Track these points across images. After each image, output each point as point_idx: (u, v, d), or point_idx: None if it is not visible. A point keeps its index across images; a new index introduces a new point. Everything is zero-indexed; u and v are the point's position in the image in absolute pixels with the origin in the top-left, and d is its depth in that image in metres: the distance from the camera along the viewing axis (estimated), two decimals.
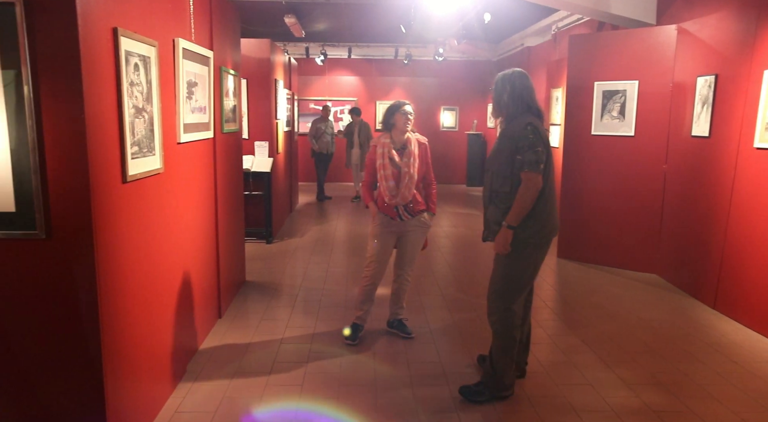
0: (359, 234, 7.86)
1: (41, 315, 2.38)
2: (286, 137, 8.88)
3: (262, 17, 9.76)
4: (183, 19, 3.52)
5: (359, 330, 4.11)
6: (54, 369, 2.42)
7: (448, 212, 9.90)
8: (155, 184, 3.03)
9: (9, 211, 2.27)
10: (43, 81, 2.20)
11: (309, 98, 13.44)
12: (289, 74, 9.47)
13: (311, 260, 6.44)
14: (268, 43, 7.32)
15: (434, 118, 13.76)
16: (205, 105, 3.98)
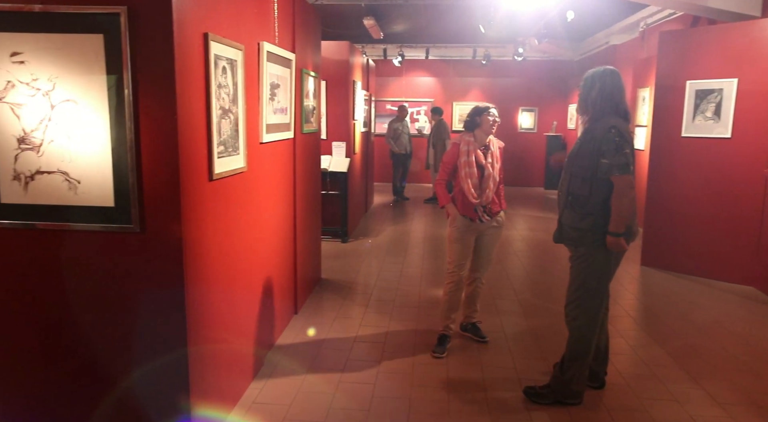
0: (434, 236, 7.84)
1: (132, 303, 2.53)
2: (362, 138, 8.99)
3: (342, 19, 9.94)
4: (267, 23, 3.64)
5: (446, 341, 4.01)
6: (141, 356, 2.58)
7: (524, 215, 9.68)
8: (239, 182, 3.16)
9: (109, 206, 2.44)
10: (141, 84, 2.35)
11: (386, 99, 13.55)
12: (367, 76, 9.59)
13: (386, 260, 6.48)
14: (347, 45, 7.44)
15: (512, 119, 13.49)
16: (287, 106, 4.11)
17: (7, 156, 2.44)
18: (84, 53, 2.33)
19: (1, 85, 2.38)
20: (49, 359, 2.62)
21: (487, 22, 8.46)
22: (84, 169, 2.42)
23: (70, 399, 2.64)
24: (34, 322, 2.59)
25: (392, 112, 12.87)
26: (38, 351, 2.61)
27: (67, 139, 2.41)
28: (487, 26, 8.60)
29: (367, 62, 9.68)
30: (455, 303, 4.05)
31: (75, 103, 2.38)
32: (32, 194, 2.47)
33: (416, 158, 12.20)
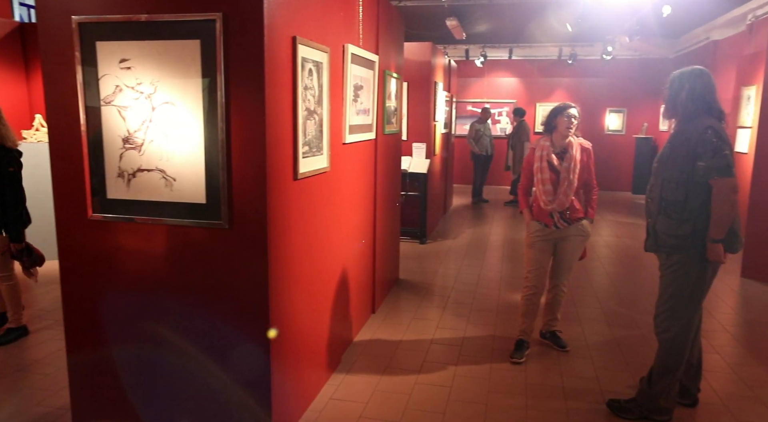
0: (514, 240, 7.67)
1: (219, 297, 2.65)
2: (443, 139, 8.96)
3: (425, 20, 9.94)
4: (352, 25, 3.71)
5: (524, 347, 3.91)
6: (224, 348, 2.69)
7: (610, 221, 9.27)
8: (322, 181, 3.24)
9: (201, 203, 2.57)
10: (233, 86, 2.46)
11: (467, 100, 13.42)
12: (449, 76, 9.54)
13: (464, 262, 6.42)
14: (429, 46, 7.44)
15: (599, 120, 12.96)
16: (369, 107, 4.16)
17: (114, 155, 2.63)
18: (182, 58, 2.47)
19: (110, 90, 2.57)
20: (140, 346, 2.79)
21: (574, 21, 8.18)
22: (179, 168, 2.57)
23: (154, 387, 2.81)
24: (132, 307, 2.77)
25: (473, 114, 12.72)
26: (133, 335, 2.80)
27: (165, 138, 2.56)
28: (575, 25, 8.31)
29: (448, 63, 9.63)
30: (532, 309, 3.94)
31: (173, 105, 2.53)
32: (133, 190, 2.65)
33: (497, 160, 11.99)
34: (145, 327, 2.77)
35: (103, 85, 2.58)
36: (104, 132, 2.63)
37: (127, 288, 2.75)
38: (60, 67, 2.63)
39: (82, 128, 2.64)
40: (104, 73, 2.57)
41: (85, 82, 2.60)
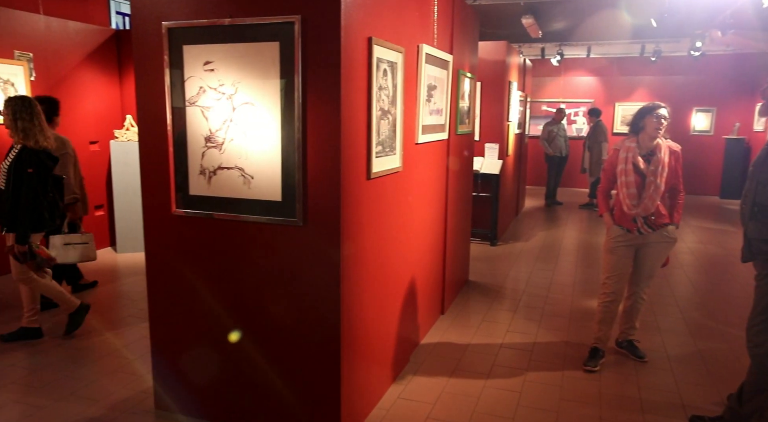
0: (590, 244, 7.41)
1: (293, 293, 2.72)
2: (516, 140, 8.78)
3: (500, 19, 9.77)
4: (427, 25, 3.70)
5: (599, 356, 3.77)
6: (297, 343, 2.76)
7: (694, 226, 8.77)
8: (394, 181, 3.25)
9: (277, 200, 2.64)
10: (309, 87, 2.51)
11: (542, 100, 13.09)
12: (523, 76, 9.34)
13: (536, 266, 6.26)
14: (504, 45, 7.31)
15: (684, 120, 12.28)
16: (442, 107, 4.14)
17: (196, 153, 2.76)
18: (262, 59, 2.55)
19: (195, 91, 2.70)
20: (216, 338, 2.91)
21: (660, 16, 7.78)
22: (257, 166, 2.66)
23: (228, 380, 2.91)
24: (210, 300, 2.89)
25: (548, 114, 12.39)
26: (211, 327, 2.92)
27: (244, 137, 2.65)
28: (660, 20, 7.91)
29: (523, 62, 9.43)
30: (609, 316, 3.78)
31: (252, 105, 2.62)
32: (214, 187, 2.76)
33: (572, 161, 11.62)
34: (222, 320, 2.88)
35: (188, 86, 2.71)
36: (188, 131, 2.76)
37: (206, 281, 2.88)
38: (150, 70, 2.79)
39: (168, 128, 2.78)
40: (190, 75, 2.70)
41: (172, 83, 2.73)
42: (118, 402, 3.21)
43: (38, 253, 3.90)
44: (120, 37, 6.88)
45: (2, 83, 5.53)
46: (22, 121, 3.78)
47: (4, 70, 5.53)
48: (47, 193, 3.91)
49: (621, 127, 12.34)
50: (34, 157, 3.80)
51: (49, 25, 6.01)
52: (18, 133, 3.79)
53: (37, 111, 3.86)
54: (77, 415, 3.07)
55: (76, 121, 6.33)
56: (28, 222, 3.80)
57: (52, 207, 3.97)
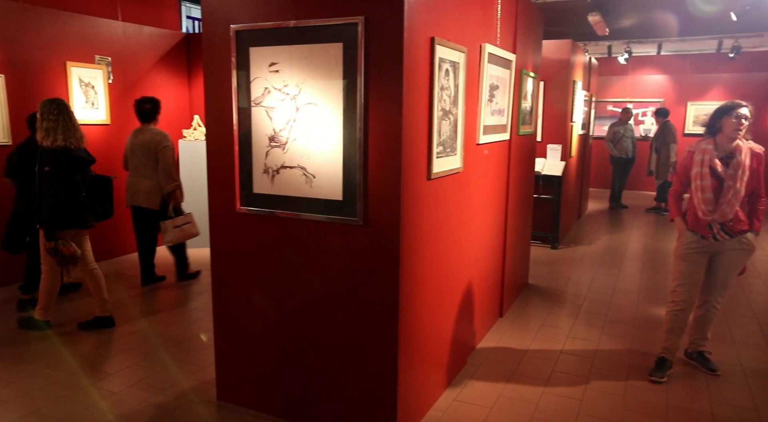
0: (657, 249, 7.11)
1: (352, 291, 2.75)
2: (580, 141, 8.54)
3: (565, 17, 9.51)
4: (490, 24, 3.65)
5: (666, 366, 3.60)
6: (353, 342, 2.78)
7: None
8: (454, 182, 3.22)
9: (338, 200, 2.67)
10: (371, 87, 2.53)
11: (607, 100, 12.66)
12: (588, 75, 9.07)
13: (598, 270, 6.07)
14: (569, 43, 7.12)
15: (765, 120, 11.58)
16: (504, 107, 4.07)
17: (261, 152, 2.83)
18: (326, 60, 2.59)
19: (260, 92, 2.77)
20: (276, 334, 2.97)
21: (741, 8, 7.36)
22: (319, 165, 2.70)
23: (288, 376, 2.97)
24: (271, 296, 2.96)
25: (614, 114, 11.98)
26: (272, 322, 2.98)
27: (307, 137, 2.70)
28: (742, 13, 7.48)
29: (589, 61, 9.15)
30: (678, 325, 3.61)
31: (315, 106, 2.66)
32: (277, 186, 2.82)
33: (640, 163, 11.18)
34: (281, 316, 2.95)
35: (253, 87, 2.79)
36: (253, 131, 2.83)
37: (268, 277, 2.95)
38: (218, 72, 2.88)
39: (234, 127, 2.87)
40: (255, 77, 2.77)
41: (239, 84, 2.82)
42: (183, 392, 3.34)
43: (62, 251, 3.95)
44: (190, 41, 7.15)
45: (84, 86, 5.86)
46: (47, 122, 3.90)
47: (85, 74, 5.85)
48: (74, 192, 3.99)
49: (693, 128, 11.79)
50: (50, 156, 3.90)
51: (126, 30, 6.32)
52: (41, 132, 3.92)
53: (65, 111, 3.96)
54: (144, 402, 3.22)
55: None
56: (51, 220, 3.90)
57: (81, 206, 4.03)
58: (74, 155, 3.99)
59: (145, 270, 5.38)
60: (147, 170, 5.08)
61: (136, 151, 5.11)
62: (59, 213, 3.93)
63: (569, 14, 9.23)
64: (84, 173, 4.09)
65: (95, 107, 6.00)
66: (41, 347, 3.95)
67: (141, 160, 5.08)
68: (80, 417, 3.06)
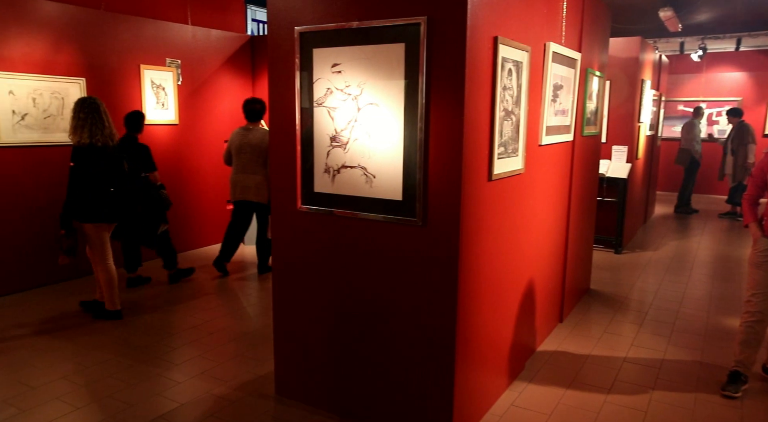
0: (729, 257, 6.74)
1: (410, 291, 2.74)
2: (647, 142, 8.21)
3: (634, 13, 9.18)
4: (555, 23, 3.56)
5: (740, 381, 3.40)
6: (411, 343, 2.77)
7: None
8: (515, 183, 3.17)
9: (397, 200, 2.68)
10: (433, 87, 2.52)
11: (678, 99, 12.10)
12: (658, 73, 8.70)
13: (665, 277, 5.81)
14: (638, 41, 6.86)
15: None
16: (568, 108, 3.97)
17: (322, 152, 2.87)
18: (388, 61, 2.60)
19: (322, 92, 2.81)
20: (335, 333, 3.01)
21: None
22: (379, 165, 2.71)
23: (345, 375, 3.00)
24: (330, 293, 3.00)
25: (685, 114, 11.45)
26: (330, 319, 3.02)
27: (368, 137, 2.72)
28: None
29: (659, 59, 8.78)
30: (754, 337, 3.40)
31: (376, 106, 2.67)
32: (337, 185, 2.86)
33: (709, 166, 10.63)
34: (339, 313, 2.98)
35: (316, 88, 2.83)
36: (315, 131, 2.88)
37: (327, 275, 2.99)
38: (282, 73, 2.94)
39: (297, 127, 2.92)
40: (318, 77, 2.81)
41: (302, 85, 2.87)
42: (242, 384, 3.44)
43: (63, 241, 4.19)
44: (254, 43, 7.35)
45: (155, 88, 6.12)
46: (76, 120, 4.10)
47: (157, 76, 6.12)
48: (100, 187, 4.16)
49: None
50: (76, 153, 4.11)
51: (195, 34, 6.57)
52: (70, 130, 4.14)
53: (95, 110, 4.13)
54: (206, 392, 3.33)
55: (214, 121, 6.86)
56: (68, 211, 4.14)
57: (107, 201, 4.19)
58: (101, 151, 4.16)
59: (262, 261, 5.73)
60: (256, 166, 5.37)
61: (244, 149, 5.38)
62: (76, 206, 4.14)
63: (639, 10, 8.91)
64: (112, 170, 4.22)
65: (165, 108, 6.26)
66: (112, 336, 4.16)
67: (250, 157, 5.35)
68: (148, 403, 3.21)
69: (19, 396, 3.27)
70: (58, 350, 3.90)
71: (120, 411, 3.12)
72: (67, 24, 5.28)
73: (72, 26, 5.32)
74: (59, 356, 3.80)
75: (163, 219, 5.16)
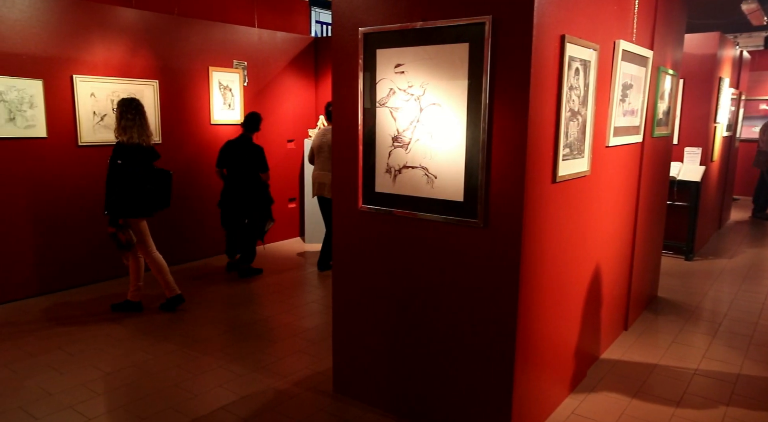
0: None
1: (469, 293, 2.71)
2: (723, 143, 7.78)
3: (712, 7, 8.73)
4: (626, 19, 3.44)
5: None
6: (470, 346, 2.74)
7: None
8: (580, 186, 3.08)
9: (458, 201, 2.66)
10: (497, 88, 2.48)
11: (760, 98, 11.40)
12: (738, 71, 8.23)
13: (741, 287, 5.49)
14: (716, 36, 6.51)
15: None
16: (637, 108, 3.82)
17: (383, 152, 2.88)
18: (451, 61, 2.58)
19: (385, 92, 2.82)
20: (396, 329, 3.01)
21: None
22: (440, 166, 2.70)
23: (403, 375, 3.00)
24: (389, 293, 3.01)
25: (767, 113, 10.77)
26: (389, 319, 3.03)
27: (430, 138, 2.71)
28: None
29: (740, 55, 8.30)
30: None
31: (439, 106, 2.66)
32: (398, 185, 2.86)
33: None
34: (397, 313, 2.99)
35: (379, 88, 2.85)
36: (377, 131, 2.89)
37: (386, 275, 3.00)
38: (346, 74, 2.98)
39: (359, 127, 2.95)
40: (381, 78, 2.83)
41: (365, 85, 2.89)
42: (301, 380, 3.50)
43: (119, 237, 4.36)
44: (318, 44, 7.47)
45: (222, 89, 6.33)
46: (126, 120, 4.27)
47: (224, 78, 6.33)
48: (142, 184, 4.32)
49: None
50: (124, 151, 4.27)
51: (261, 36, 6.75)
52: (119, 129, 4.29)
53: (142, 112, 4.34)
54: (266, 386, 3.42)
55: (278, 121, 7.02)
56: (116, 208, 4.28)
57: (147, 196, 4.37)
58: (146, 151, 4.36)
59: (324, 257, 5.88)
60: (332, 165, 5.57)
61: (324, 149, 5.66)
62: (124, 202, 4.30)
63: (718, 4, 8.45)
64: (149, 167, 4.41)
65: (231, 108, 6.46)
66: (179, 329, 4.34)
67: (328, 156, 5.57)
68: (211, 394, 3.32)
69: (94, 381, 3.46)
70: (128, 339, 4.10)
71: (186, 400, 3.25)
72: (143, 29, 5.54)
73: (147, 31, 5.58)
74: (129, 345, 4.00)
75: (269, 216, 5.65)
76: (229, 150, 5.51)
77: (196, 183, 6.17)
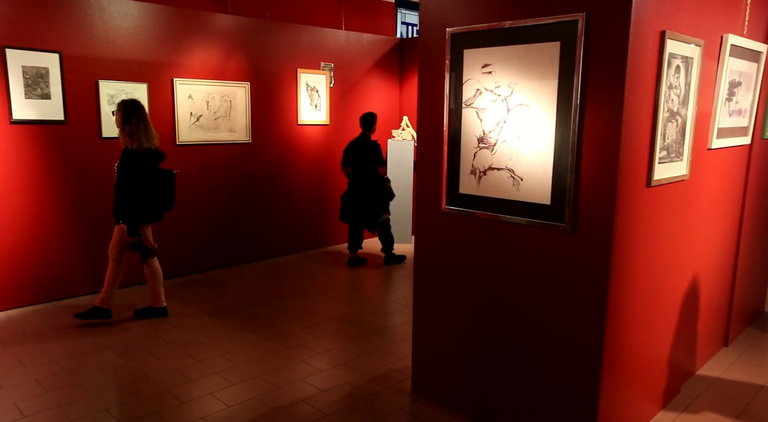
0: None
1: (555, 300, 2.62)
2: None
3: None
4: (736, 11, 3.20)
5: None
6: (554, 352, 2.65)
7: None
8: (678, 191, 2.90)
9: (545, 204, 2.58)
10: (589, 88, 2.38)
11: None
12: None
13: None
14: None
15: None
16: (746, 107, 3.54)
17: (468, 153, 2.85)
18: (540, 60, 2.50)
19: (471, 93, 2.79)
20: (477, 333, 2.97)
21: None
22: (527, 168, 2.63)
23: (483, 380, 2.94)
24: (470, 295, 2.97)
25: None
26: (469, 322, 2.99)
27: (516, 139, 2.65)
28: None
29: None
30: None
31: (527, 107, 2.59)
32: (483, 187, 2.82)
33: None
34: (479, 316, 2.94)
35: (465, 88, 2.82)
36: (462, 132, 2.86)
37: (468, 277, 2.96)
38: (432, 74, 2.97)
39: (445, 128, 2.93)
40: (468, 78, 2.79)
41: (451, 86, 2.87)
42: (379, 378, 3.53)
43: (144, 245, 4.24)
44: (403, 45, 7.51)
45: (309, 90, 6.51)
46: (129, 125, 4.05)
47: (311, 79, 6.50)
48: (152, 189, 4.16)
49: None
50: (135, 158, 4.05)
51: (347, 38, 6.87)
52: (126, 136, 4.07)
53: (143, 115, 4.12)
54: (345, 381, 3.47)
55: None
56: (135, 217, 4.09)
57: (157, 201, 4.22)
58: (154, 154, 4.19)
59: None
60: None
61: None
62: (142, 210, 4.13)
63: None
64: (155, 169, 4.26)
65: (318, 109, 6.62)
66: (264, 322, 4.50)
67: None
68: (292, 386, 3.42)
69: (187, 367, 3.66)
70: (217, 329, 4.30)
71: (268, 391, 3.36)
72: (237, 33, 5.79)
73: (241, 35, 5.83)
74: (219, 335, 4.19)
75: (385, 208, 5.94)
76: (352, 149, 5.90)
77: (281, 183, 6.38)
